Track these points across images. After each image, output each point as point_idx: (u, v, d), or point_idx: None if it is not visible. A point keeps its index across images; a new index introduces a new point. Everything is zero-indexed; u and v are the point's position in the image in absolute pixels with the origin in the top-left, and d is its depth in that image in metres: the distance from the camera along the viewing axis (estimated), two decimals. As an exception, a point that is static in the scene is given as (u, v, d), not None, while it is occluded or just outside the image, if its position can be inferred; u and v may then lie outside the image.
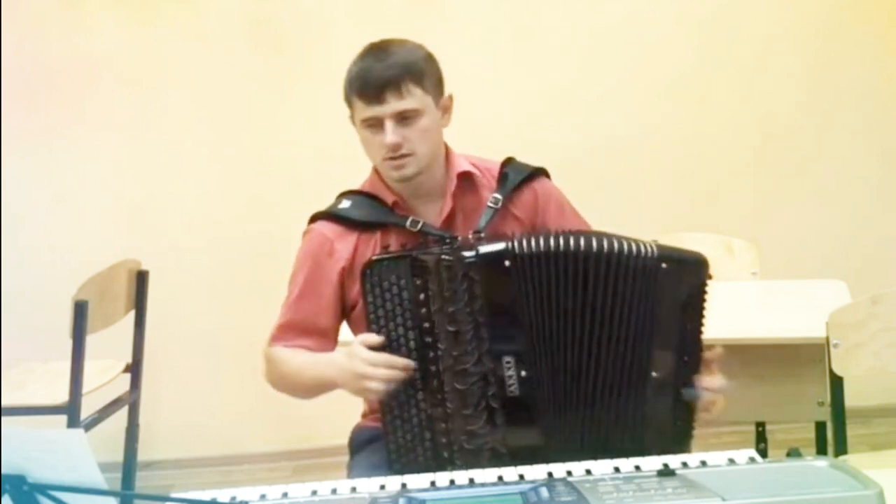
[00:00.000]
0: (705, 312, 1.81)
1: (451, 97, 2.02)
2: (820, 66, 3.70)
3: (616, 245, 1.78)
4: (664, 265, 1.78)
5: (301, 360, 1.98)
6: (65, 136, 3.68)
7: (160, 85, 3.68)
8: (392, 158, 1.93)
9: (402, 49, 1.95)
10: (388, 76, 1.89)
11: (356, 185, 2.08)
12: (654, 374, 1.78)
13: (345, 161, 2.18)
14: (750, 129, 3.72)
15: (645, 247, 1.78)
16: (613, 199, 3.50)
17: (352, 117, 1.99)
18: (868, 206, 3.73)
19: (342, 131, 2.06)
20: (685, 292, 1.79)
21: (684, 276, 1.80)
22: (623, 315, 1.77)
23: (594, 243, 1.78)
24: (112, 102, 3.67)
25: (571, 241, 1.78)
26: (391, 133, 1.90)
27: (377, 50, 1.95)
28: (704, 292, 1.81)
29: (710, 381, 1.81)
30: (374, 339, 1.80)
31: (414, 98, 1.91)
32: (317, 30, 3.65)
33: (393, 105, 1.89)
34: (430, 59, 1.98)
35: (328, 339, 2.02)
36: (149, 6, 3.65)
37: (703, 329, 1.82)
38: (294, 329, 2.02)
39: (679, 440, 1.81)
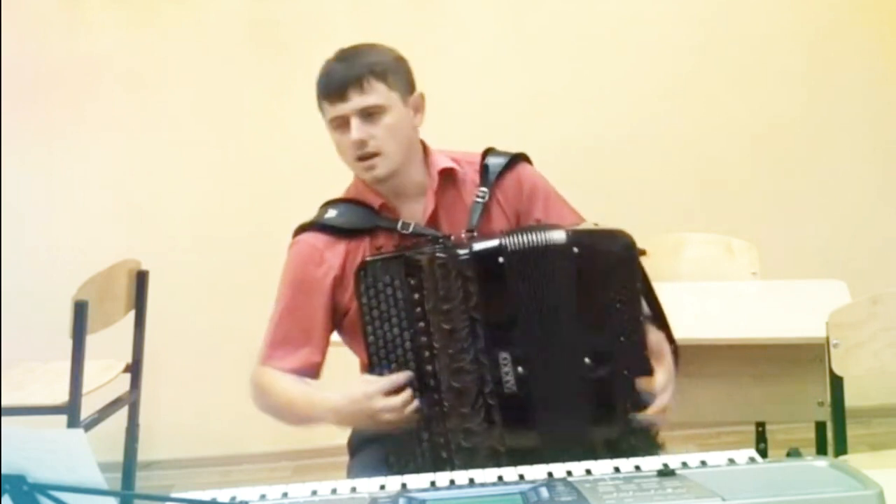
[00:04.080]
0: (638, 289, 1.82)
1: (422, 95, 2.01)
2: (820, 66, 3.70)
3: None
4: (575, 249, 1.79)
5: (294, 395, 1.94)
6: (65, 136, 3.68)
7: (160, 85, 3.68)
8: (362, 159, 1.92)
9: (367, 50, 1.97)
10: (350, 74, 1.91)
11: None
12: (587, 360, 1.79)
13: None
14: (750, 129, 3.72)
15: (556, 234, 1.80)
16: (613, 199, 3.50)
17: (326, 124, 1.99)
18: (868, 207, 3.73)
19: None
20: (608, 271, 1.80)
21: (600, 255, 1.81)
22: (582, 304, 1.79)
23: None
24: (112, 102, 3.67)
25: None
26: (356, 129, 1.90)
27: (342, 53, 1.97)
28: (633, 269, 1.82)
29: (657, 387, 1.81)
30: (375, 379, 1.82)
31: (377, 94, 1.91)
32: (317, 30, 3.64)
33: (356, 101, 1.90)
34: (397, 58, 1.99)
35: (318, 353, 1.99)
36: (149, 6, 3.65)
37: (639, 307, 1.82)
38: (285, 346, 1.98)
39: (636, 431, 1.81)
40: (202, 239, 3.70)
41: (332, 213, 2.01)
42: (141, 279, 3.27)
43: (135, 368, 3.26)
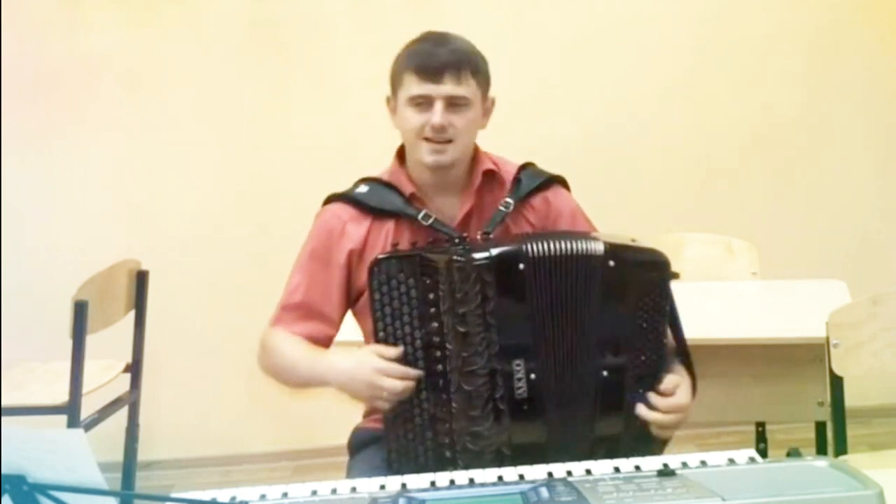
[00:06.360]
0: (666, 311, 1.83)
1: (493, 101, 2.02)
2: (820, 66, 3.70)
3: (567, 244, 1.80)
4: (611, 262, 1.79)
5: (299, 353, 1.95)
6: (65, 136, 3.68)
7: (160, 85, 3.68)
8: (432, 141, 1.92)
9: (463, 41, 1.99)
10: (451, 59, 1.92)
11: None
12: (604, 373, 1.79)
13: (345, 160, 2.18)
14: (750, 129, 3.72)
15: (595, 244, 1.80)
16: (613, 199, 3.50)
17: (392, 96, 1.98)
18: (868, 206, 3.74)
19: (342, 130, 2.07)
20: (639, 289, 1.80)
21: (634, 273, 1.80)
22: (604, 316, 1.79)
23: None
24: (112, 102, 3.67)
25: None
26: (439, 114, 1.90)
27: (438, 36, 1.99)
28: (664, 291, 1.82)
29: (666, 390, 1.82)
30: (390, 351, 1.79)
31: (469, 87, 1.93)
32: (317, 30, 3.65)
33: (448, 87, 1.91)
34: (485, 59, 2.00)
35: (331, 325, 2.00)
36: (149, 6, 3.65)
37: (664, 329, 1.83)
38: (297, 311, 1.99)
39: (647, 441, 1.81)
40: (202, 239, 3.70)
41: (363, 189, 2.02)
42: (141, 279, 3.26)
43: (135, 368, 3.26)
